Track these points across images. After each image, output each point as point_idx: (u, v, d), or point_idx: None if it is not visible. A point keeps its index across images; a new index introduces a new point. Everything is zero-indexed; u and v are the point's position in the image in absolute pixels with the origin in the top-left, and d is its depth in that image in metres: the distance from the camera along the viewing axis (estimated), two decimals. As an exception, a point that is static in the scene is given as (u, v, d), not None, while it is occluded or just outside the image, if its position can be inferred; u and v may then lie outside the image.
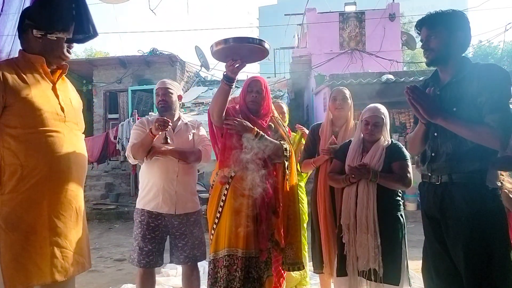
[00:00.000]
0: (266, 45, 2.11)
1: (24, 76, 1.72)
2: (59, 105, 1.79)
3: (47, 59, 1.79)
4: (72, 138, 1.83)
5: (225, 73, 2.21)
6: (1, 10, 2.01)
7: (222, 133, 2.39)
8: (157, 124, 2.40)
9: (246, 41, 2.06)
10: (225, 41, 2.04)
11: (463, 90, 1.77)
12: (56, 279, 1.70)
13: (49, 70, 1.81)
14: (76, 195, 1.83)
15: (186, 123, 2.74)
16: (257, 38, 2.14)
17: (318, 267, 2.79)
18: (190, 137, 2.69)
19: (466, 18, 1.86)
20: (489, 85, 1.70)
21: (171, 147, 2.54)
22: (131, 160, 2.65)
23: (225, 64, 2.19)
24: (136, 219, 2.61)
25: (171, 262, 2.70)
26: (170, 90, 2.68)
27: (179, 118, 2.74)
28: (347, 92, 2.86)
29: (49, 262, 1.68)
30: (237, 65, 2.15)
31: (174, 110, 2.71)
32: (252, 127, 2.29)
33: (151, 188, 2.57)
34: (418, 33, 1.94)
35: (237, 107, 2.48)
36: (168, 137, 2.50)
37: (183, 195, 2.58)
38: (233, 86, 2.24)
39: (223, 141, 2.36)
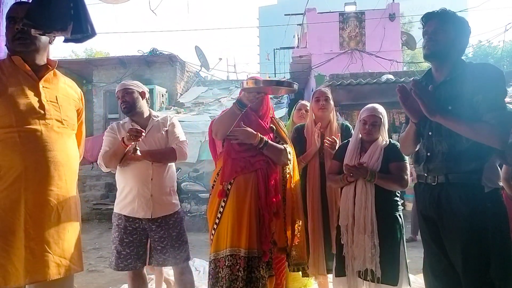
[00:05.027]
0: (295, 86, 2.25)
1: (4, 76, 1.73)
2: (39, 102, 1.76)
3: (27, 56, 1.79)
4: (53, 136, 1.78)
5: (239, 98, 2.19)
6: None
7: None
8: (128, 134, 2.35)
9: (280, 84, 2.31)
10: (256, 82, 2.12)
11: (458, 89, 1.78)
12: (28, 282, 1.66)
13: (35, 67, 1.81)
14: (58, 195, 1.77)
15: (157, 121, 2.66)
16: (287, 81, 2.37)
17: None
18: (163, 135, 2.62)
19: (470, 29, 1.88)
20: (485, 84, 1.71)
21: (143, 150, 2.49)
22: (103, 169, 2.59)
23: (244, 90, 2.16)
24: (114, 223, 2.58)
25: (149, 264, 2.64)
26: (129, 89, 2.59)
27: (149, 116, 2.66)
28: (329, 93, 2.85)
29: (22, 264, 1.65)
30: (259, 97, 2.18)
31: (139, 108, 2.62)
32: (256, 133, 2.25)
33: (127, 193, 2.53)
34: (423, 24, 1.91)
35: None
36: (138, 149, 2.44)
37: (159, 198, 2.53)
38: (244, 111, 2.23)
39: (225, 155, 2.31)
